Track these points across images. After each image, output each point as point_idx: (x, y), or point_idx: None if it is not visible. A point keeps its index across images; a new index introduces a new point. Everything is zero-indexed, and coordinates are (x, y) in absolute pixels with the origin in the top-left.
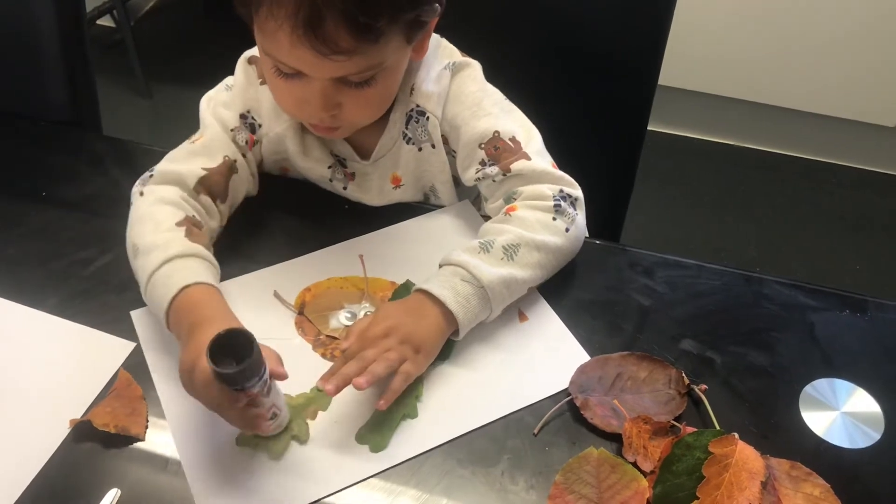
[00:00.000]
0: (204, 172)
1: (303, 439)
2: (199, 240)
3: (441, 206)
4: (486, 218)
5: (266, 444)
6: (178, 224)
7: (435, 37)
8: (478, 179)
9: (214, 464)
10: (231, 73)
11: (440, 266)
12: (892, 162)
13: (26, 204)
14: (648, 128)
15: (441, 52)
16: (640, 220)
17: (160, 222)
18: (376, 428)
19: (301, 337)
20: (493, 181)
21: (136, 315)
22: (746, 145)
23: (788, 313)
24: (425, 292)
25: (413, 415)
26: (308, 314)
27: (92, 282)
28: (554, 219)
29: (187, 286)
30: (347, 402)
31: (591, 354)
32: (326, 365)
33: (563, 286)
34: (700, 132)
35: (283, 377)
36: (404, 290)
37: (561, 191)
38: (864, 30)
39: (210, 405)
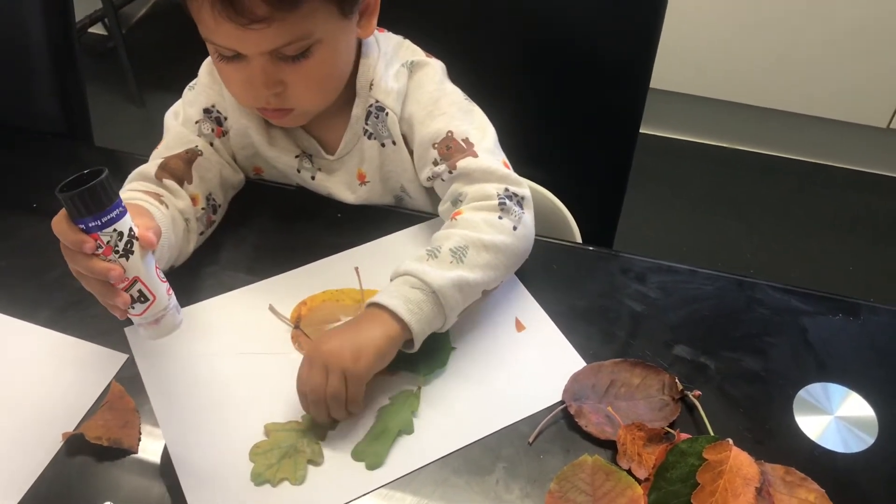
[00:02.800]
0: (161, 160)
1: (318, 461)
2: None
3: (418, 209)
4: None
5: (283, 475)
6: (145, 192)
7: (397, 37)
8: (429, 179)
9: (211, 476)
10: None
11: (391, 280)
12: (884, 163)
13: (17, 216)
14: (641, 131)
15: (403, 51)
16: (633, 225)
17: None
18: (372, 445)
19: (298, 351)
20: (442, 180)
21: (130, 330)
22: (739, 148)
23: (781, 318)
24: (376, 305)
25: (409, 430)
26: (304, 328)
27: (84, 294)
28: (500, 217)
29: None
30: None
31: (585, 361)
32: None
33: (555, 293)
34: (693, 135)
35: (149, 243)
36: None
37: (506, 189)
38: (856, 32)
39: (66, 258)
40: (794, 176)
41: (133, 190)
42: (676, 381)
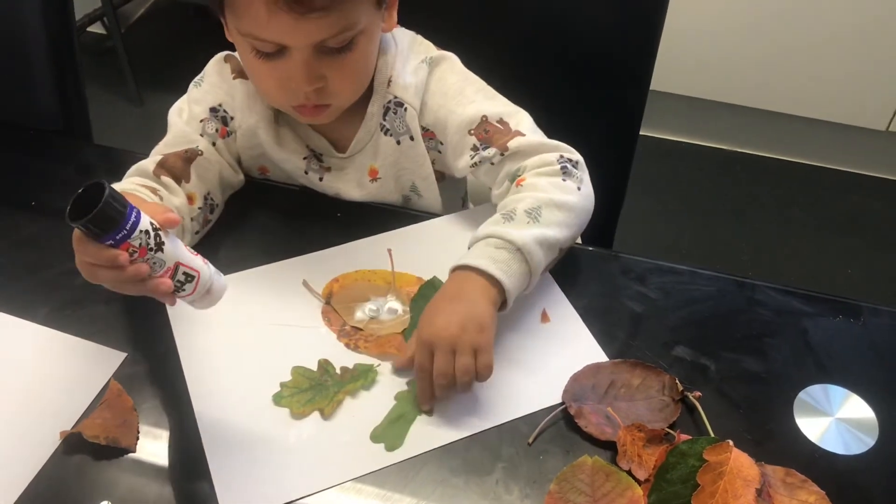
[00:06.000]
0: (159, 157)
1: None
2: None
3: (424, 208)
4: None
5: (307, 407)
6: (140, 185)
7: (410, 32)
8: (474, 165)
9: (236, 447)
10: None
11: (469, 247)
12: (883, 165)
13: (16, 214)
14: (641, 133)
15: (417, 46)
16: (633, 226)
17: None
18: (391, 428)
19: (327, 326)
20: (492, 164)
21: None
22: (739, 150)
23: (782, 319)
24: (464, 267)
25: (429, 412)
26: (335, 304)
27: (82, 292)
28: (564, 180)
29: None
30: (363, 400)
31: (608, 357)
32: (350, 354)
33: (555, 293)
34: (692, 137)
35: (172, 222)
36: (430, 286)
37: (561, 156)
38: (855, 34)
39: (91, 275)
40: (793, 178)
41: (130, 184)
42: (677, 381)
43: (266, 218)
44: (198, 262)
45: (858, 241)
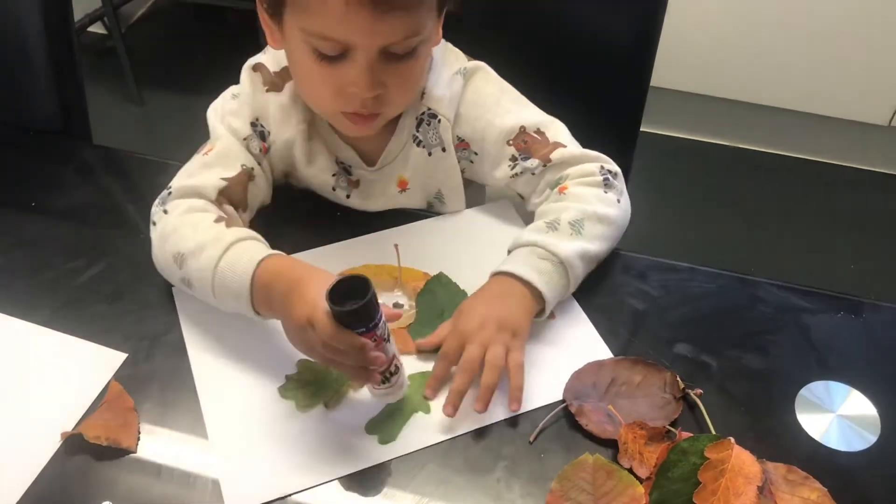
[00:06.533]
0: (223, 183)
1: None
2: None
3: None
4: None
5: (312, 400)
6: (216, 222)
7: (441, 41)
8: (514, 175)
9: (241, 439)
10: (221, 77)
11: (510, 250)
12: (885, 161)
13: (16, 214)
14: (641, 129)
15: (449, 55)
16: (634, 223)
17: (197, 224)
18: (386, 421)
19: None
20: (533, 174)
21: (176, 290)
22: (740, 146)
23: (783, 316)
24: (507, 274)
25: (426, 410)
26: None
27: (83, 292)
28: (605, 192)
29: (263, 259)
30: (367, 393)
31: (613, 354)
32: None
33: None
34: (693, 133)
35: (396, 316)
36: (437, 282)
37: (602, 167)
38: (857, 29)
39: (331, 356)
40: (794, 174)
41: (204, 210)
42: (678, 379)
43: (271, 214)
44: (401, 361)
45: (860, 236)
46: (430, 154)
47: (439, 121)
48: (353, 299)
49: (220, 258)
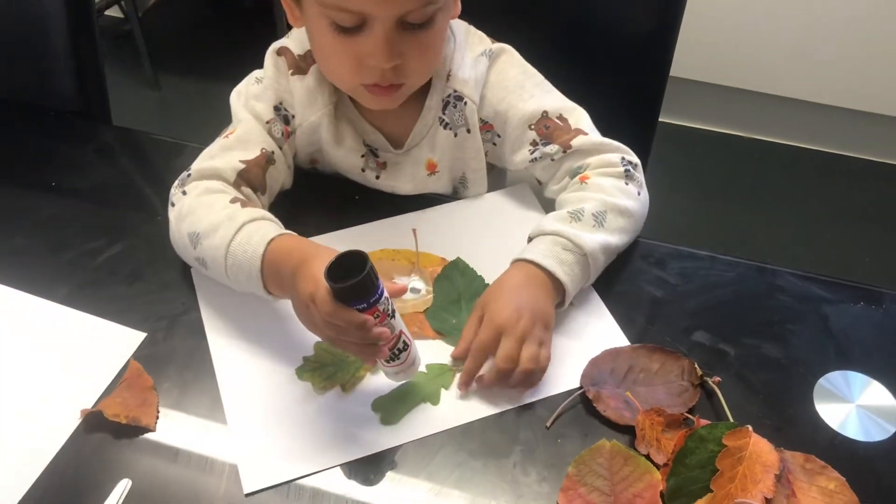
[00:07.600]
0: (242, 165)
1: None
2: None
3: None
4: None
5: (329, 382)
6: (232, 202)
7: (463, 23)
8: (533, 160)
9: (259, 420)
10: (238, 61)
11: (531, 238)
12: None
13: (35, 194)
14: (660, 119)
15: (472, 38)
16: (651, 211)
17: (213, 204)
18: (393, 401)
19: None
20: (552, 160)
21: (195, 271)
22: (757, 137)
23: (802, 305)
24: (530, 262)
25: (435, 401)
26: None
27: (101, 272)
28: (626, 184)
29: (273, 238)
30: (383, 377)
31: (629, 341)
32: None
33: None
34: (712, 124)
35: (401, 291)
36: (454, 267)
37: (623, 158)
38: (878, 21)
39: (334, 334)
40: (811, 166)
41: (221, 192)
42: (696, 366)
43: (290, 197)
44: (410, 338)
45: (877, 229)
46: (455, 135)
47: (465, 103)
48: (352, 274)
49: (232, 237)
